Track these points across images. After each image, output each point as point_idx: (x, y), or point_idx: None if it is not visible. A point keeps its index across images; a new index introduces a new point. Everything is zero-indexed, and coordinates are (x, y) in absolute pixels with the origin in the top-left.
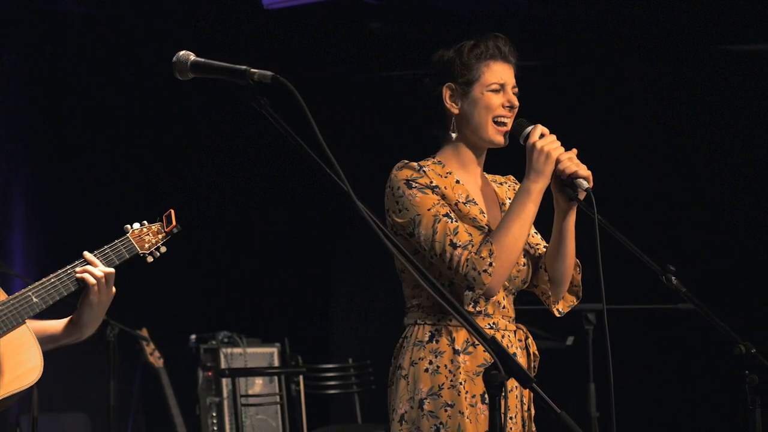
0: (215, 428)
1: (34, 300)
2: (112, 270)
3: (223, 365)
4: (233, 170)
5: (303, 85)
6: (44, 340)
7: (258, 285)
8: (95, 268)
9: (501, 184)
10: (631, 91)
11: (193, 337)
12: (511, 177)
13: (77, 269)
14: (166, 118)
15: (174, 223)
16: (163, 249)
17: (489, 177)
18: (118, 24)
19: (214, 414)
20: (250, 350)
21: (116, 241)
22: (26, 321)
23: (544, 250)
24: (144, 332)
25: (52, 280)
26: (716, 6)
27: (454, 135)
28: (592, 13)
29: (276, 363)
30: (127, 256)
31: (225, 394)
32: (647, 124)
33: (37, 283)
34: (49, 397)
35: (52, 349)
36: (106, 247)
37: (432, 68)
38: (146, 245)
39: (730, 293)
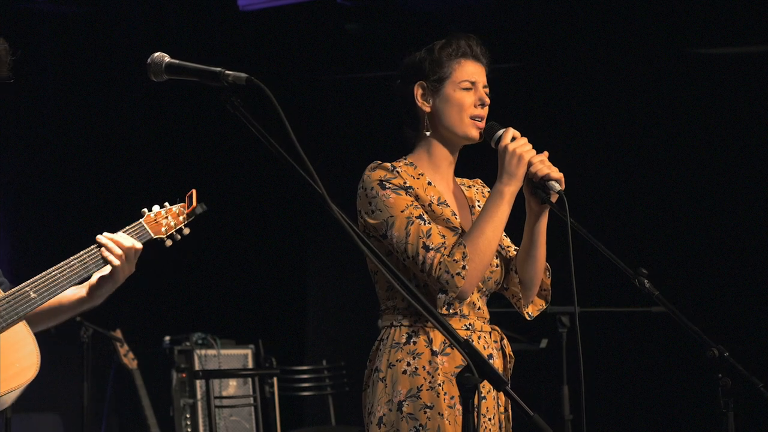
0: (189, 429)
1: (32, 295)
2: (139, 246)
3: (197, 366)
4: (206, 171)
5: (278, 87)
6: (62, 309)
7: (232, 286)
8: (116, 248)
9: (469, 187)
10: (609, 92)
11: (167, 338)
12: (479, 180)
13: (102, 251)
14: (140, 120)
15: (195, 203)
16: (186, 231)
17: (457, 180)
18: (93, 24)
19: (188, 415)
20: (224, 352)
21: (128, 226)
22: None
23: (515, 253)
24: (118, 333)
25: (53, 273)
26: (708, 8)
27: (428, 133)
28: (571, 11)
29: (250, 364)
30: None
31: (199, 396)
32: (620, 126)
33: (36, 278)
34: (22, 398)
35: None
36: (119, 232)
37: (402, 69)
38: (163, 228)
39: (705, 296)
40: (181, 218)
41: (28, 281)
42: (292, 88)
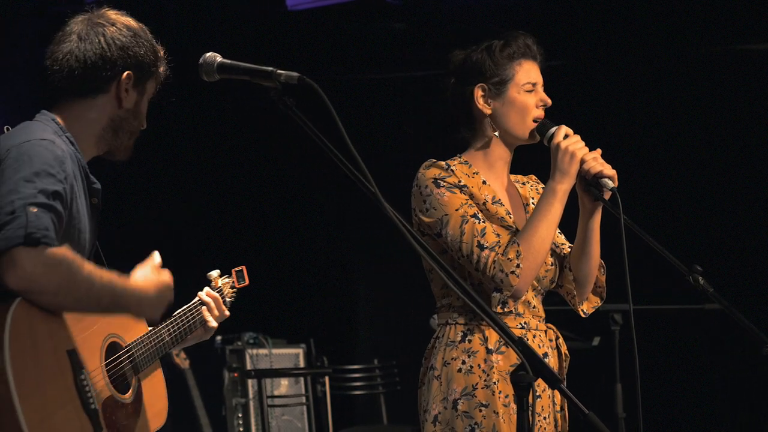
0: (241, 429)
1: (166, 339)
2: (227, 314)
3: (248, 366)
4: (256, 170)
5: (326, 86)
6: None
7: (283, 286)
8: (215, 309)
9: (524, 184)
10: (653, 86)
11: (218, 338)
12: (533, 177)
13: (204, 311)
14: (187, 119)
15: (247, 281)
16: (229, 301)
17: (512, 177)
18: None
19: (240, 415)
20: (275, 351)
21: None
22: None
23: (569, 250)
24: None
25: (183, 318)
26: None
27: (496, 134)
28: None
29: (301, 364)
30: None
31: (251, 395)
32: (672, 122)
33: (168, 322)
34: None
35: None
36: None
37: (457, 69)
38: (227, 299)
39: (759, 292)
40: (231, 291)
41: (166, 322)
42: (341, 86)
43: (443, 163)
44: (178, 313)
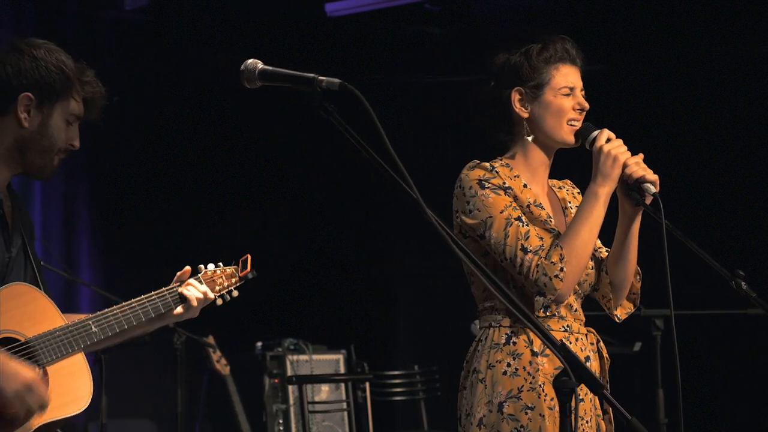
0: None
1: (93, 329)
2: (211, 296)
3: (289, 372)
4: (295, 177)
5: (365, 91)
6: (123, 334)
7: (323, 292)
8: (198, 287)
9: (560, 188)
10: (697, 90)
11: (259, 344)
12: (568, 181)
13: (181, 289)
14: (226, 127)
15: (249, 269)
16: (235, 293)
17: (549, 182)
18: (178, 33)
19: (281, 421)
20: (316, 357)
21: (188, 280)
22: (82, 350)
23: (606, 254)
24: (210, 339)
25: (116, 311)
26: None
27: (530, 138)
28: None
29: (342, 370)
30: None
31: (291, 401)
32: (714, 125)
33: (98, 313)
34: (116, 404)
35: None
36: (174, 286)
37: (496, 72)
38: (217, 287)
39: None
40: (233, 280)
41: (93, 314)
42: (380, 91)
43: (487, 164)
44: (128, 303)
